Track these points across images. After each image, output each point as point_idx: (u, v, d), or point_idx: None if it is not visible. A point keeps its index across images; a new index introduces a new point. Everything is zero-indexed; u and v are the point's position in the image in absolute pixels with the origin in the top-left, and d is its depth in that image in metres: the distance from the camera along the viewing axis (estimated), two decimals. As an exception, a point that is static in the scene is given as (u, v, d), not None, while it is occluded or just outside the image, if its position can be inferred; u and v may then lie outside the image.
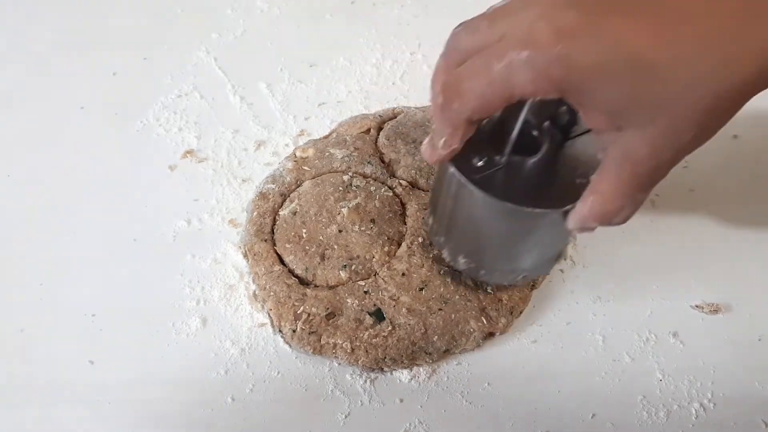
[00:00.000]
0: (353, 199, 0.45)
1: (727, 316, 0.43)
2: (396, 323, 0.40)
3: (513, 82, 0.26)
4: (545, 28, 0.25)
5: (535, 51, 0.25)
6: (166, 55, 0.59)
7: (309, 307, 0.41)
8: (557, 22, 0.25)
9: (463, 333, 0.40)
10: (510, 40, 0.26)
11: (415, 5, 0.64)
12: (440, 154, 0.32)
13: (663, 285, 0.45)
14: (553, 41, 0.25)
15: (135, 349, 0.42)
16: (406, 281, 0.42)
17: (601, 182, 0.29)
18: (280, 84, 0.57)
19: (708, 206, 0.49)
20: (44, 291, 0.44)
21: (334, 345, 0.40)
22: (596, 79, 0.25)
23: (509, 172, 0.33)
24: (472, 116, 0.29)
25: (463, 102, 0.29)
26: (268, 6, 0.64)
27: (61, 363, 0.41)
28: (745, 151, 0.52)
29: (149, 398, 0.40)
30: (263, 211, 0.46)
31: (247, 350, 0.42)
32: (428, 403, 0.40)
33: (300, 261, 0.43)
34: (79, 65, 0.58)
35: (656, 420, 0.39)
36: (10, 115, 0.55)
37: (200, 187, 0.50)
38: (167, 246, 0.47)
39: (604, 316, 0.44)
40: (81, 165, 0.51)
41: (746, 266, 0.46)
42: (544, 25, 0.25)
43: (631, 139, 0.27)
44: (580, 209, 0.30)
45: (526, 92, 0.27)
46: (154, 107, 0.55)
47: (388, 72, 0.58)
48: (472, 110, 0.29)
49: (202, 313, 0.43)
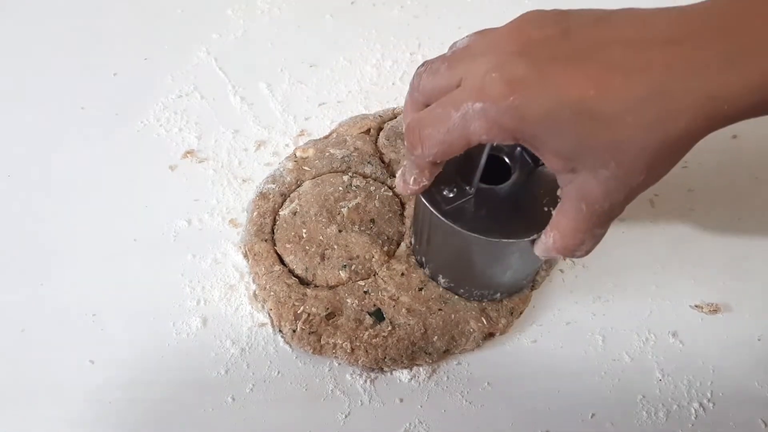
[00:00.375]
0: (353, 199, 0.45)
1: (727, 316, 0.44)
2: (396, 323, 0.40)
3: (469, 131, 0.28)
4: (497, 79, 0.26)
5: (488, 102, 0.26)
6: (167, 56, 0.59)
7: (309, 307, 0.41)
8: (508, 74, 0.26)
9: (462, 333, 0.40)
10: (466, 89, 0.28)
11: (415, 5, 0.65)
12: (412, 189, 0.34)
13: (663, 285, 0.45)
14: (505, 93, 0.26)
15: (135, 349, 0.42)
16: (406, 281, 0.42)
17: (560, 219, 0.30)
18: (280, 84, 0.57)
19: (708, 206, 0.49)
20: (44, 291, 0.44)
21: (334, 345, 0.40)
22: (546, 128, 0.26)
23: (482, 199, 0.36)
24: (435, 159, 0.31)
25: (425, 148, 0.30)
26: (268, 6, 0.64)
27: (62, 363, 0.41)
28: (745, 151, 0.52)
29: (149, 398, 0.40)
30: (263, 211, 0.46)
31: (247, 350, 0.42)
32: (428, 403, 0.40)
33: (300, 261, 0.43)
34: (79, 65, 0.58)
35: (656, 420, 0.39)
36: (10, 115, 0.55)
37: (200, 187, 0.50)
38: (167, 246, 0.47)
39: (604, 316, 0.44)
40: (81, 165, 0.51)
41: (746, 266, 0.46)
42: (497, 77, 0.26)
43: (585, 180, 0.28)
44: (543, 241, 0.32)
45: (482, 139, 0.28)
46: (155, 107, 0.55)
47: (388, 72, 0.58)
48: (434, 155, 0.31)
49: (203, 313, 0.43)
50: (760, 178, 0.51)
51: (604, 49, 0.26)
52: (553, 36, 0.27)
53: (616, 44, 0.26)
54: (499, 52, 0.27)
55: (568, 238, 0.30)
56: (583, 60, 0.26)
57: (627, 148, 0.26)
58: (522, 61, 0.26)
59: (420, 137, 0.30)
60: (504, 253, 0.37)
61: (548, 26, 0.27)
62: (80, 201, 0.49)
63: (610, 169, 0.27)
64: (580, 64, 0.26)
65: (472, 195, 0.35)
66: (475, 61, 0.28)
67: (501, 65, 0.26)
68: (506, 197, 0.36)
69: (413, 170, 0.33)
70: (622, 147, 0.26)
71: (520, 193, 0.36)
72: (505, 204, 0.36)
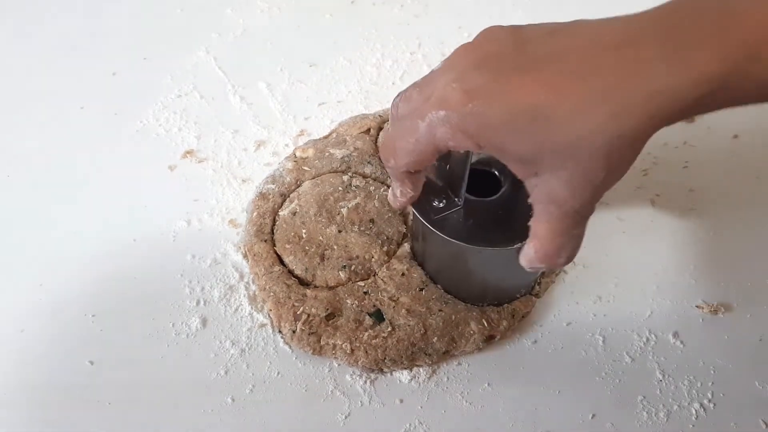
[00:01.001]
0: (353, 199, 0.45)
1: (727, 316, 0.43)
2: (396, 324, 0.40)
3: (436, 138, 0.29)
4: (457, 89, 0.28)
5: (450, 110, 0.28)
6: (166, 55, 0.59)
7: (309, 308, 0.41)
8: (467, 84, 0.28)
9: (462, 335, 0.40)
10: (429, 101, 0.30)
11: (415, 5, 0.64)
12: (401, 202, 0.36)
13: (664, 285, 0.45)
14: (464, 101, 0.28)
15: (135, 349, 0.42)
16: (406, 281, 0.42)
17: (536, 226, 0.31)
18: (280, 84, 0.57)
19: (708, 206, 0.49)
20: (44, 291, 0.44)
21: (334, 346, 0.40)
22: (504, 132, 0.28)
23: (471, 210, 0.37)
24: (409, 169, 0.33)
25: (397, 158, 0.32)
26: (268, 6, 0.64)
27: (61, 363, 0.41)
28: (745, 151, 0.52)
29: (149, 398, 0.40)
30: (263, 212, 0.46)
31: (247, 351, 0.42)
32: (428, 403, 0.40)
33: (300, 261, 0.43)
34: (79, 65, 0.58)
35: (656, 420, 0.39)
36: (10, 115, 0.55)
37: (200, 187, 0.50)
38: (167, 246, 0.47)
39: (604, 317, 0.43)
40: (81, 165, 0.51)
41: (746, 266, 0.46)
42: (456, 87, 0.28)
43: (548, 182, 0.29)
44: (526, 252, 0.33)
45: (449, 145, 0.30)
46: (154, 107, 0.55)
47: (388, 72, 0.58)
48: (407, 165, 0.32)
49: (202, 313, 0.43)
50: (760, 177, 0.51)
51: (555, 58, 0.27)
52: (508, 49, 0.29)
53: (567, 52, 0.27)
54: (459, 66, 0.29)
55: (547, 244, 0.31)
56: (535, 68, 0.27)
57: (582, 148, 0.27)
58: (479, 72, 0.28)
59: (392, 149, 0.32)
60: (491, 262, 0.38)
61: (503, 40, 0.29)
62: (80, 201, 0.49)
63: (569, 169, 0.28)
64: (533, 72, 0.27)
65: (461, 206, 0.37)
66: (439, 79, 0.30)
67: (460, 77, 0.29)
68: (495, 209, 0.37)
69: (395, 183, 0.36)
70: (577, 147, 0.27)
71: (510, 205, 0.37)
72: (494, 216, 0.37)
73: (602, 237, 0.47)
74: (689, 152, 0.52)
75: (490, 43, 0.29)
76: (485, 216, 0.37)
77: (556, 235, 0.31)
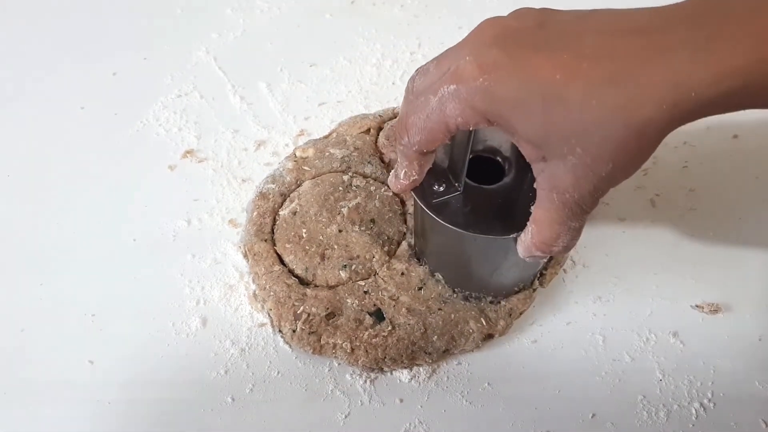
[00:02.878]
0: (353, 199, 0.45)
1: (727, 316, 0.43)
2: (396, 323, 0.40)
3: (446, 114, 0.29)
4: (470, 63, 0.28)
5: (460, 84, 0.28)
6: (166, 55, 0.59)
7: (309, 307, 0.41)
8: (481, 58, 0.27)
9: (462, 333, 0.40)
10: (444, 75, 0.29)
11: (415, 5, 0.64)
12: (403, 184, 0.35)
13: (664, 285, 0.45)
14: (476, 75, 0.27)
15: (135, 349, 0.42)
16: (406, 281, 0.42)
17: (536, 212, 0.31)
18: (280, 84, 0.57)
19: (708, 206, 0.49)
20: (44, 291, 0.44)
21: (334, 345, 0.40)
22: (515, 110, 0.27)
23: (471, 197, 0.36)
24: (420, 148, 0.32)
25: (410, 135, 0.32)
26: (268, 6, 0.64)
27: (61, 363, 0.41)
28: (745, 151, 0.52)
29: (149, 398, 0.40)
30: (263, 211, 0.46)
31: (247, 350, 0.42)
32: (428, 403, 0.40)
33: (300, 261, 0.43)
34: (79, 65, 0.58)
35: (656, 420, 0.39)
36: (10, 116, 0.55)
37: (200, 187, 0.50)
38: (167, 246, 0.47)
39: (604, 316, 0.43)
40: (81, 165, 0.51)
41: (746, 266, 0.46)
42: (470, 61, 0.28)
43: (555, 168, 0.28)
44: (523, 238, 0.32)
45: (458, 122, 0.29)
46: (154, 107, 0.55)
47: (388, 72, 0.58)
48: (419, 143, 0.32)
49: (202, 313, 0.43)
50: (760, 178, 0.51)
51: (575, 40, 0.27)
52: (529, 27, 0.28)
53: (588, 35, 0.27)
54: (477, 40, 0.29)
55: (544, 231, 0.31)
56: (554, 48, 0.27)
57: (592, 134, 0.26)
58: (496, 47, 0.27)
59: (405, 126, 0.32)
60: (487, 250, 0.37)
61: (528, 19, 0.28)
62: (80, 201, 0.49)
63: (577, 155, 0.27)
64: (550, 51, 0.27)
65: (460, 192, 0.36)
66: (456, 53, 0.29)
67: (476, 51, 0.28)
68: (496, 197, 0.36)
69: (403, 162, 0.34)
70: (587, 132, 0.26)
71: (512, 194, 0.36)
72: (495, 204, 0.36)
73: (602, 237, 0.47)
74: (689, 152, 0.52)
75: (515, 20, 0.29)
76: (485, 204, 0.36)
77: (554, 224, 0.30)
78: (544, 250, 0.32)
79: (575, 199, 0.29)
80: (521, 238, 0.33)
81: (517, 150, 0.32)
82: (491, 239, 0.35)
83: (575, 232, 0.31)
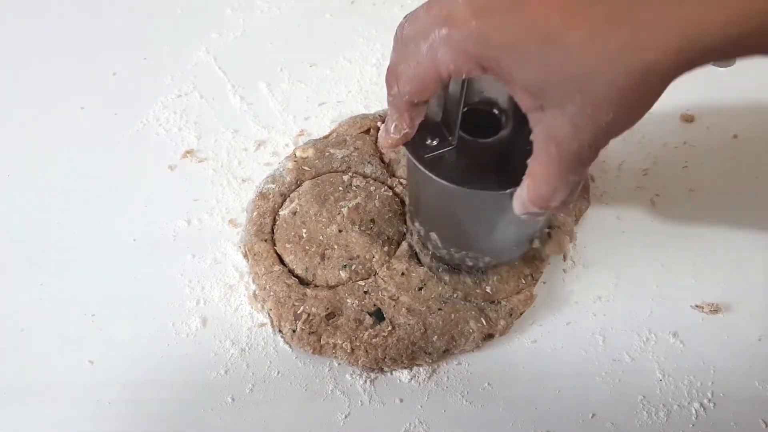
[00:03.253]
0: (353, 199, 0.45)
1: (727, 316, 0.43)
2: (396, 323, 0.40)
3: (437, 60, 0.27)
4: (462, 6, 0.26)
5: (453, 28, 0.26)
6: (166, 55, 0.59)
7: (309, 307, 0.41)
8: (474, 1, 0.26)
9: (462, 333, 0.40)
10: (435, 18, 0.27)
11: (415, 5, 0.64)
12: (393, 139, 0.33)
13: (663, 285, 0.45)
14: (469, 18, 0.25)
15: (135, 349, 0.42)
16: (406, 281, 0.42)
17: (533, 165, 0.29)
18: (280, 84, 0.57)
19: (708, 206, 0.49)
20: (44, 291, 0.44)
21: (334, 345, 0.40)
22: (511, 56, 0.26)
23: (466, 151, 0.34)
24: (411, 98, 0.30)
25: (400, 85, 0.30)
26: (268, 6, 0.64)
27: (61, 363, 0.41)
28: (745, 151, 0.52)
29: (149, 398, 0.40)
30: (263, 211, 0.46)
31: (247, 350, 0.42)
32: (428, 403, 0.40)
33: (300, 261, 0.43)
34: (79, 65, 0.58)
35: (656, 420, 0.39)
36: (10, 115, 0.55)
37: (200, 187, 0.50)
38: (167, 246, 0.47)
39: (604, 316, 0.43)
40: (81, 165, 0.51)
41: (746, 266, 0.46)
42: (462, 4, 0.26)
43: (552, 118, 0.27)
44: (519, 192, 0.30)
45: (450, 69, 0.27)
46: (154, 107, 0.55)
47: (388, 72, 0.58)
48: (410, 93, 0.30)
49: (202, 313, 0.43)
50: (760, 177, 0.51)
51: None
52: None
53: None
54: None
55: (540, 185, 0.29)
56: None
57: (593, 80, 0.24)
58: None
59: (395, 74, 0.30)
60: (483, 207, 0.36)
61: None
62: (80, 201, 0.49)
63: (576, 103, 0.25)
64: None
65: (454, 146, 0.34)
66: None
67: None
68: (492, 152, 0.34)
69: (393, 115, 0.32)
70: (587, 79, 0.25)
71: (509, 148, 0.34)
72: (491, 158, 0.34)
73: (602, 237, 0.47)
74: (689, 152, 0.52)
75: None
76: (481, 159, 0.34)
77: (552, 177, 0.28)
78: (541, 205, 0.30)
79: (573, 150, 0.27)
80: (517, 193, 0.31)
81: (514, 102, 0.30)
82: (486, 195, 0.33)
83: (573, 187, 0.29)
